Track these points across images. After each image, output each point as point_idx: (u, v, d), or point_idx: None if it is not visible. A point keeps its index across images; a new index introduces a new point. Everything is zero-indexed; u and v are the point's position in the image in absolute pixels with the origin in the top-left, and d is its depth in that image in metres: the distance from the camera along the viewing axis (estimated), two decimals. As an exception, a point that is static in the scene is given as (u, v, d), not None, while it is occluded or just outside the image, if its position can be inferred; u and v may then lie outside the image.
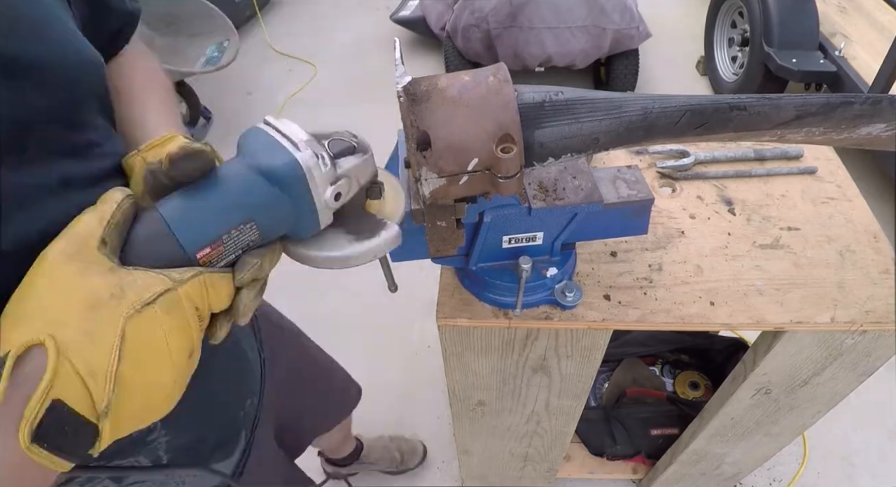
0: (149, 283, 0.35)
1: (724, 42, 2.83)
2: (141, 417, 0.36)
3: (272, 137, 0.40)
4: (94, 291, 0.34)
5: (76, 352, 0.32)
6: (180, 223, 0.37)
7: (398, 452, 1.59)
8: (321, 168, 0.40)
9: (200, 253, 0.38)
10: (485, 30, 2.57)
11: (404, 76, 0.44)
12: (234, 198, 0.38)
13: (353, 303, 2.02)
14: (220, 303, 0.39)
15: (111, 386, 0.33)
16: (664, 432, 1.42)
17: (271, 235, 0.41)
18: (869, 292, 0.73)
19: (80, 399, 0.32)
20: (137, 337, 0.34)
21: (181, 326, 0.36)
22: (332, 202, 0.42)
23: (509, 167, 0.45)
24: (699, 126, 0.48)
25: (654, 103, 0.47)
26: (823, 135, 0.52)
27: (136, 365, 0.34)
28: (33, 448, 0.31)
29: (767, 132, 0.50)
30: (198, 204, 0.38)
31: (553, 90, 0.47)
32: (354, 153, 0.43)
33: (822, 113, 0.49)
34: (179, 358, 0.36)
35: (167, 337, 0.35)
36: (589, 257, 0.78)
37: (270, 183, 0.39)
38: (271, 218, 0.40)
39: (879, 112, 0.50)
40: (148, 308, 0.35)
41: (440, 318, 0.71)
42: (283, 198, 0.39)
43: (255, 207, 0.39)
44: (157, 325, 0.35)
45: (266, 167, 0.39)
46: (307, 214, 0.41)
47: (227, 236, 0.38)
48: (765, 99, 0.48)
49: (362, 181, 0.44)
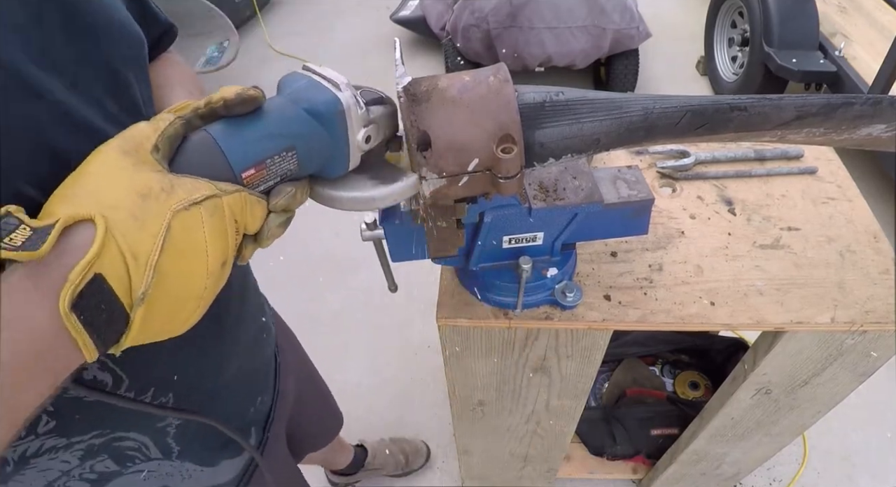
0: (198, 186, 0.37)
1: (724, 42, 2.83)
2: (167, 322, 0.37)
3: (314, 79, 0.43)
4: (146, 183, 0.35)
5: (123, 234, 0.33)
6: (229, 143, 0.39)
7: (402, 454, 1.58)
8: (357, 110, 0.43)
9: (245, 173, 0.40)
10: (485, 30, 2.57)
11: (404, 76, 0.44)
12: (279, 127, 0.41)
13: (353, 303, 2.02)
14: (254, 224, 0.40)
15: (150, 274, 0.33)
16: (664, 432, 1.42)
17: (306, 168, 0.44)
18: (869, 292, 0.73)
19: (121, 279, 0.33)
20: (181, 232, 0.35)
21: (221, 232, 0.37)
22: (364, 144, 0.45)
23: (510, 167, 0.45)
24: (700, 126, 0.48)
25: (654, 104, 0.47)
26: (824, 136, 0.52)
27: (176, 259, 0.35)
28: (70, 316, 0.31)
29: (768, 132, 0.50)
30: (246, 128, 0.40)
31: (554, 90, 0.47)
32: (384, 104, 0.46)
33: (822, 113, 0.49)
34: (214, 264, 0.37)
35: (207, 239, 0.36)
36: (589, 257, 0.78)
37: (313, 118, 0.42)
38: (310, 150, 0.42)
39: (880, 113, 0.50)
40: (194, 207, 0.35)
41: (440, 318, 0.71)
42: (322, 132, 0.42)
43: (297, 137, 0.41)
44: (200, 225, 0.36)
45: (309, 103, 0.42)
46: (341, 152, 0.44)
47: (271, 161, 0.41)
48: (765, 99, 0.48)
49: (387, 131, 0.47)
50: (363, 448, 1.56)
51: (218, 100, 0.40)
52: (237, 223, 0.39)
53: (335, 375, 1.81)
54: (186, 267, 0.36)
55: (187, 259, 0.35)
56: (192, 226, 0.35)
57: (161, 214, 0.34)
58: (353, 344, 1.92)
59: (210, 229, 0.36)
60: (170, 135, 0.38)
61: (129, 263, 0.33)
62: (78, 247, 0.32)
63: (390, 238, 0.63)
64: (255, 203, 0.40)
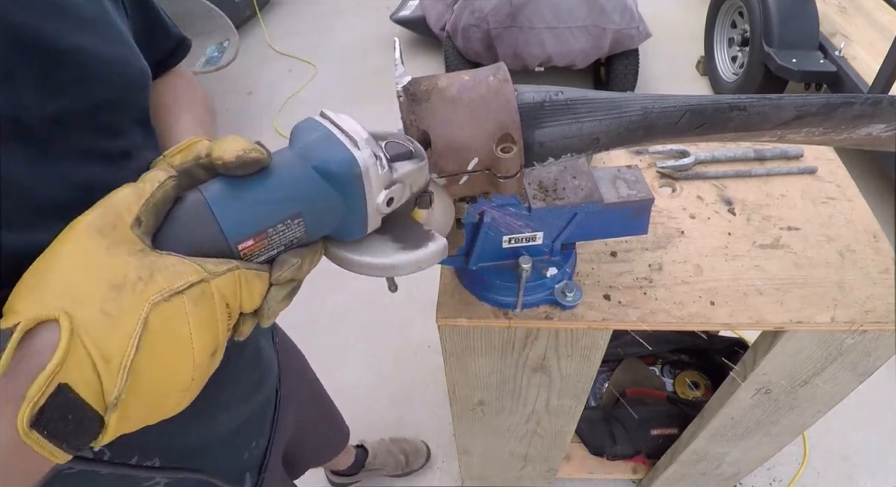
0: (181, 270, 0.32)
1: (724, 42, 2.83)
2: (149, 414, 0.33)
3: (330, 131, 0.37)
4: (120, 271, 0.31)
5: (92, 335, 0.29)
6: (225, 209, 0.34)
7: (402, 454, 1.58)
8: (378, 169, 0.37)
9: (242, 245, 0.35)
10: (485, 30, 2.57)
11: (404, 76, 0.44)
12: (285, 191, 0.36)
13: (353, 303, 2.02)
14: (252, 303, 0.36)
15: (125, 376, 0.30)
16: (664, 432, 1.42)
17: (316, 234, 0.39)
18: (869, 292, 0.73)
19: (89, 386, 0.29)
20: (161, 327, 0.31)
21: (209, 322, 0.33)
22: (384, 207, 0.39)
23: (509, 167, 0.45)
24: (699, 126, 0.48)
25: (654, 103, 0.47)
26: (823, 136, 0.52)
27: (155, 358, 0.31)
28: (32, 434, 0.28)
29: (767, 132, 0.50)
30: (246, 192, 0.35)
31: (553, 90, 0.47)
32: (411, 158, 0.40)
33: (822, 113, 0.49)
34: (201, 357, 0.33)
35: (192, 331, 0.32)
36: (589, 257, 0.78)
37: (324, 179, 0.36)
38: (320, 216, 0.37)
39: (879, 112, 0.50)
40: (176, 297, 0.32)
41: (440, 318, 0.71)
42: (335, 196, 0.37)
43: (305, 202, 0.36)
44: (183, 316, 0.32)
45: (322, 162, 0.36)
46: (357, 216, 0.39)
47: (273, 230, 0.36)
48: (765, 99, 0.48)
49: (415, 188, 0.42)
50: (363, 448, 1.56)
51: (217, 158, 0.35)
52: (229, 307, 0.35)
53: (335, 375, 1.81)
54: (168, 364, 0.32)
55: (169, 355, 0.32)
56: (174, 318, 0.32)
57: (137, 308, 0.30)
58: (354, 344, 1.92)
59: (196, 320, 0.32)
60: (156, 202, 0.34)
61: (99, 367, 0.29)
62: (40, 352, 0.29)
63: (390, 238, 0.62)
64: (252, 278, 0.35)
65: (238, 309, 0.35)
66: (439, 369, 1.76)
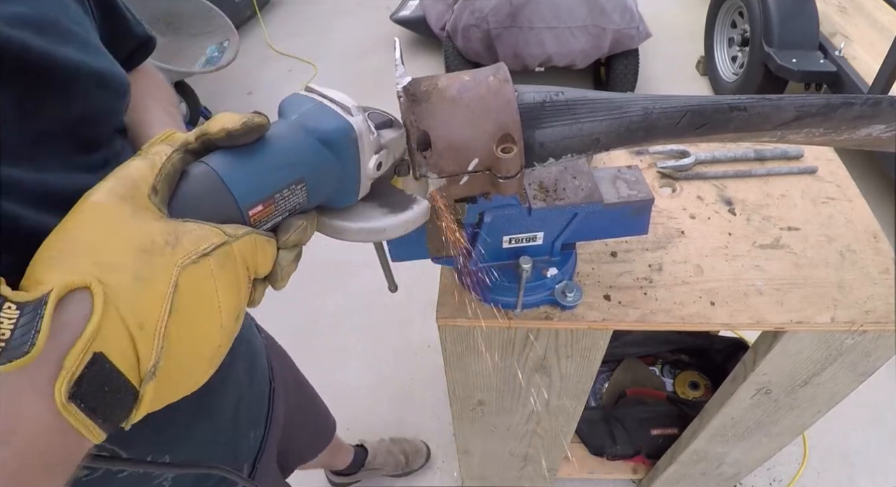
0: (204, 234, 0.32)
1: (724, 42, 2.83)
2: (178, 386, 0.32)
3: (322, 102, 0.40)
4: (148, 235, 0.30)
5: (125, 301, 0.29)
6: (235, 178, 0.35)
7: (402, 454, 1.58)
8: (369, 135, 0.40)
9: (253, 211, 0.36)
10: (485, 30, 2.57)
11: (404, 76, 0.44)
12: (288, 157, 0.37)
13: (353, 303, 2.02)
14: (266, 267, 0.37)
15: (160, 343, 0.29)
16: (664, 432, 1.42)
17: (315, 200, 0.41)
18: (869, 292, 0.73)
19: (125, 355, 0.29)
20: (190, 290, 0.31)
21: (234, 283, 0.33)
22: (374, 171, 0.42)
23: (509, 167, 0.45)
24: (700, 126, 0.48)
25: (654, 104, 0.47)
26: (824, 136, 0.52)
27: (186, 321, 0.31)
28: (70, 406, 0.27)
29: (768, 132, 0.50)
30: (251, 160, 0.36)
31: (554, 90, 0.47)
32: (392, 127, 0.44)
33: (822, 113, 0.49)
34: (228, 320, 0.33)
35: (219, 293, 0.32)
36: (589, 257, 0.78)
37: (323, 145, 0.39)
38: (320, 180, 0.39)
39: (879, 113, 0.50)
40: (203, 259, 0.31)
41: (440, 318, 0.71)
42: (333, 161, 0.39)
43: (307, 167, 0.38)
44: (210, 279, 0.32)
45: (319, 130, 0.38)
46: (351, 181, 0.42)
47: (280, 195, 0.37)
48: (765, 99, 0.48)
49: (396, 155, 0.45)
50: (363, 448, 1.56)
51: (219, 130, 0.35)
52: (248, 270, 0.35)
53: (335, 375, 1.82)
54: (198, 328, 0.32)
55: (199, 319, 0.32)
56: (203, 281, 0.31)
57: (167, 271, 0.30)
58: (354, 344, 1.92)
59: (222, 282, 0.32)
60: (168, 172, 0.34)
61: (134, 334, 0.29)
62: (74, 322, 0.28)
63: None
64: (264, 243, 0.36)
65: (254, 273, 0.36)
66: (439, 369, 1.76)
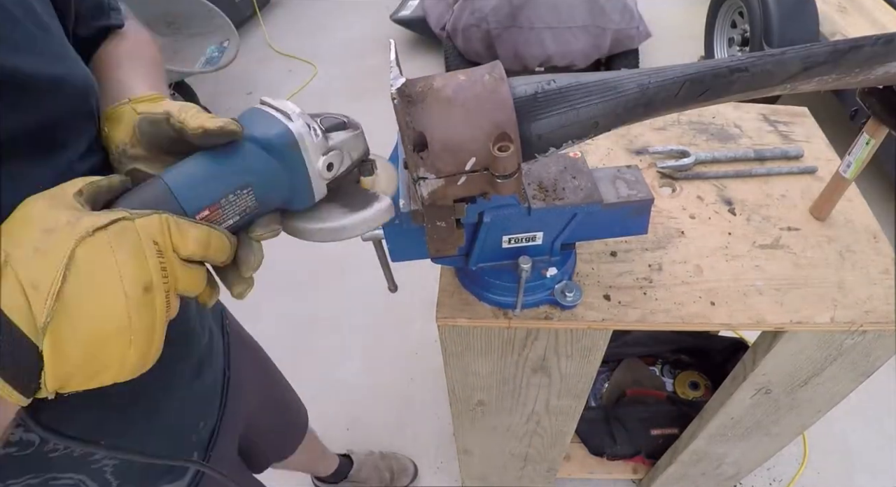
0: (105, 214, 0.36)
1: (724, 42, 2.83)
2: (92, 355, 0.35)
3: (267, 112, 0.43)
4: (54, 218, 0.35)
5: (23, 267, 0.33)
6: (181, 186, 0.39)
7: (388, 471, 1.56)
8: (312, 137, 0.42)
9: (200, 215, 0.40)
10: (485, 30, 2.57)
11: (398, 78, 0.44)
12: (232, 165, 0.41)
13: (353, 303, 2.02)
14: (187, 249, 0.38)
15: (52, 301, 0.32)
16: (664, 432, 1.42)
17: (268, 203, 0.43)
18: (869, 292, 0.73)
19: (21, 311, 0.32)
20: (87, 259, 0.34)
21: (134, 253, 0.35)
22: (325, 172, 0.44)
23: (506, 166, 0.44)
24: (701, 94, 0.47)
25: (649, 78, 0.46)
26: (837, 81, 0.50)
27: (84, 286, 0.34)
28: None
29: (776, 87, 0.49)
30: (199, 169, 0.40)
31: (545, 79, 0.46)
32: (345, 128, 0.45)
33: (830, 61, 0.47)
34: (133, 288, 0.35)
35: (118, 261, 0.35)
36: (589, 257, 0.78)
37: (265, 151, 0.41)
38: (267, 185, 0.42)
39: (894, 50, 0.48)
40: (99, 232, 0.35)
41: (440, 318, 0.71)
42: (277, 165, 0.42)
43: (251, 173, 0.41)
44: (107, 249, 0.34)
45: (261, 137, 0.41)
46: (302, 183, 0.43)
47: (226, 200, 0.41)
48: (767, 56, 0.47)
49: (354, 155, 0.46)
50: (349, 458, 1.55)
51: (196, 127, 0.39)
52: (157, 244, 0.37)
53: (335, 375, 1.82)
54: (98, 293, 0.34)
55: (98, 285, 0.34)
56: (99, 250, 0.34)
57: (65, 244, 0.33)
58: (353, 344, 1.92)
59: (121, 251, 0.35)
60: (101, 184, 0.38)
61: (28, 293, 0.32)
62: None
63: (390, 238, 0.63)
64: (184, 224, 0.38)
65: (170, 248, 0.38)
66: (439, 369, 1.76)
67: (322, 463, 1.44)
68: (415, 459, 1.63)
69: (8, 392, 0.32)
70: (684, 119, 1.00)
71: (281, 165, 0.42)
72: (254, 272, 0.44)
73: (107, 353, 0.35)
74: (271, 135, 0.41)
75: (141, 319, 0.36)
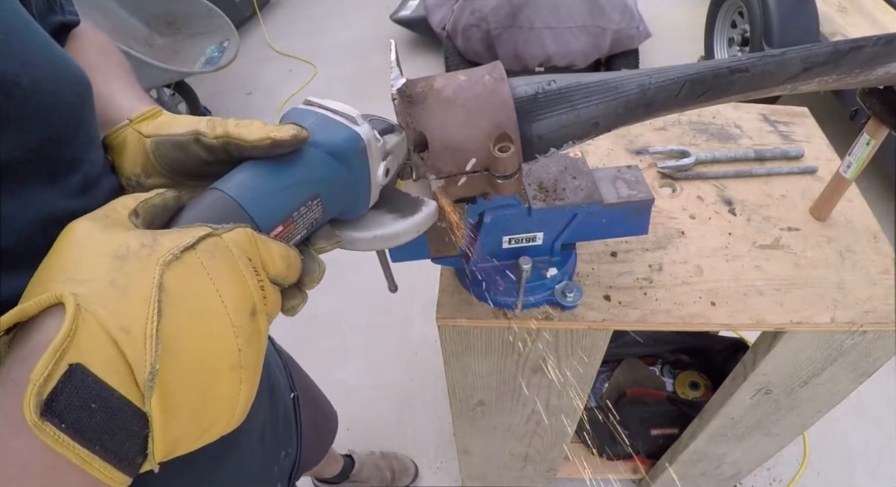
0: (187, 231, 0.30)
1: (724, 42, 2.83)
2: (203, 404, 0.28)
3: (325, 114, 0.40)
4: (122, 243, 0.28)
5: (103, 307, 0.25)
6: (251, 201, 0.34)
7: (389, 471, 1.56)
8: (376, 143, 0.40)
9: (274, 232, 0.36)
10: (485, 30, 2.57)
11: (398, 78, 0.44)
12: (301, 174, 0.37)
13: (353, 303, 2.02)
14: (275, 267, 0.33)
15: (153, 345, 0.25)
16: (664, 432, 1.42)
17: (330, 213, 0.40)
18: (869, 292, 0.73)
19: (111, 364, 0.25)
20: (180, 287, 0.27)
21: (233, 273, 0.30)
22: (384, 178, 0.42)
23: (507, 166, 0.44)
24: (701, 94, 0.47)
25: (650, 79, 0.46)
26: (838, 81, 0.51)
27: (184, 322, 0.27)
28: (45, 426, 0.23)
29: (777, 87, 0.49)
30: (263, 181, 0.36)
31: (545, 79, 0.46)
32: (394, 132, 0.44)
33: (831, 61, 0.47)
34: (238, 316, 0.29)
35: (217, 286, 0.29)
36: (589, 257, 0.78)
37: (333, 158, 0.38)
38: (334, 194, 0.39)
39: (894, 50, 0.48)
40: (188, 253, 0.28)
41: (440, 318, 0.71)
42: (345, 173, 0.39)
43: (320, 183, 0.38)
44: (201, 272, 0.28)
45: (329, 143, 0.38)
46: (363, 191, 0.41)
47: (297, 213, 0.37)
48: (768, 57, 0.47)
49: (400, 160, 0.45)
50: (351, 459, 1.55)
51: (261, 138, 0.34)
52: (252, 261, 0.31)
53: (335, 375, 1.81)
54: (203, 327, 0.28)
55: (199, 317, 0.28)
56: (193, 276, 0.28)
57: (148, 272, 0.27)
58: (353, 344, 1.92)
59: (217, 274, 0.29)
60: (155, 204, 0.32)
61: (118, 340, 0.25)
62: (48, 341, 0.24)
63: (390, 238, 0.63)
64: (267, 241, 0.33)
65: (261, 266, 0.33)
66: (439, 369, 1.76)
67: (330, 466, 1.44)
68: (415, 459, 1.63)
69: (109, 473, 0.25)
70: (684, 119, 1.00)
71: (348, 172, 0.39)
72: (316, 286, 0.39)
73: (219, 399, 0.29)
74: (339, 140, 0.38)
75: (251, 349, 0.30)
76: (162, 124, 0.39)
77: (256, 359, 0.31)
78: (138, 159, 0.40)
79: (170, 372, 0.26)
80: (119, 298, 0.26)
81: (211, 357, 0.28)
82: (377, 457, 1.59)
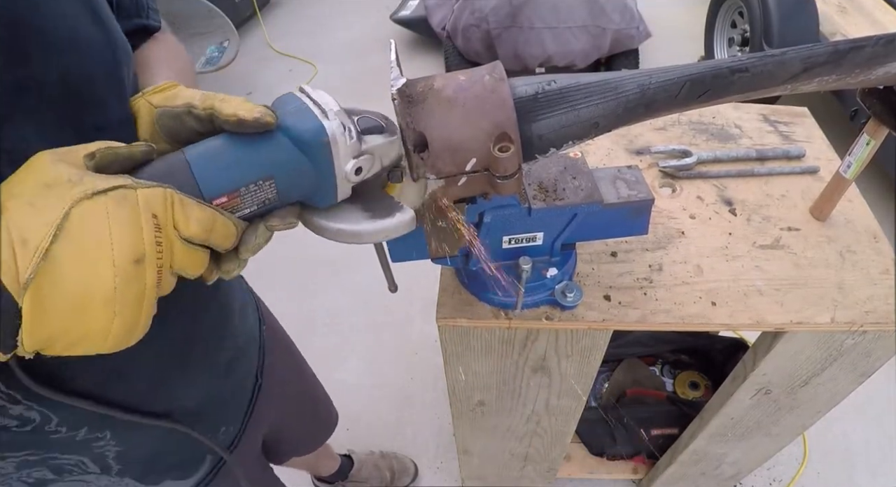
0: (109, 179, 0.35)
1: (724, 42, 2.83)
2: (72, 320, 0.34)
3: (304, 103, 0.41)
4: (55, 174, 0.34)
5: (15, 220, 0.32)
6: (202, 168, 0.38)
7: (388, 471, 1.56)
8: (346, 139, 0.41)
9: (217, 201, 0.39)
10: (485, 30, 2.57)
11: (398, 78, 0.44)
12: (260, 155, 0.39)
13: (352, 303, 2.02)
14: (188, 229, 0.37)
15: (38, 259, 0.31)
16: (664, 432, 1.42)
17: (288, 197, 0.42)
18: (869, 292, 0.73)
19: (7, 265, 0.31)
20: (81, 221, 0.33)
21: (130, 222, 0.34)
22: (353, 175, 0.43)
23: (507, 166, 0.44)
24: (701, 95, 0.47)
25: (650, 79, 0.46)
26: (838, 81, 0.51)
27: (73, 248, 0.32)
28: None
29: (777, 88, 0.49)
30: (223, 152, 0.39)
31: (545, 79, 0.46)
32: (382, 132, 0.44)
33: (831, 61, 0.47)
34: (122, 259, 0.34)
35: (112, 231, 0.33)
36: (589, 257, 0.78)
37: (295, 146, 0.40)
38: (290, 180, 0.41)
39: (894, 51, 0.48)
40: (99, 196, 0.33)
41: (440, 318, 0.71)
42: (304, 162, 0.40)
43: (276, 166, 0.40)
44: (102, 215, 0.33)
45: (293, 130, 0.40)
46: (326, 183, 0.42)
47: (245, 189, 0.39)
48: (767, 57, 0.47)
49: (385, 161, 0.45)
50: (350, 458, 1.55)
51: (230, 115, 0.38)
52: (157, 217, 0.35)
53: (334, 375, 1.81)
54: (86, 258, 0.33)
55: (87, 249, 0.33)
56: (94, 214, 0.33)
57: (61, 202, 0.32)
58: (353, 344, 1.92)
59: (116, 220, 0.34)
60: (118, 152, 0.36)
61: (16, 250, 0.31)
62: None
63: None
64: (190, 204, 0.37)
65: (170, 225, 0.36)
66: (439, 369, 1.76)
67: (327, 463, 1.44)
68: (415, 459, 1.63)
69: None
70: (684, 119, 1.00)
71: (309, 162, 0.41)
72: (252, 255, 0.43)
73: (89, 321, 0.34)
74: (304, 130, 0.40)
75: (128, 291, 0.34)
76: (169, 96, 0.43)
77: (135, 300, 0.35)
78: (147, 128, 0.44)
79: (47, 282, 0.32)
80: (30, 216, 0.32)
81: (86, 284, 0.33)
82: (377, 457, 1.59)
